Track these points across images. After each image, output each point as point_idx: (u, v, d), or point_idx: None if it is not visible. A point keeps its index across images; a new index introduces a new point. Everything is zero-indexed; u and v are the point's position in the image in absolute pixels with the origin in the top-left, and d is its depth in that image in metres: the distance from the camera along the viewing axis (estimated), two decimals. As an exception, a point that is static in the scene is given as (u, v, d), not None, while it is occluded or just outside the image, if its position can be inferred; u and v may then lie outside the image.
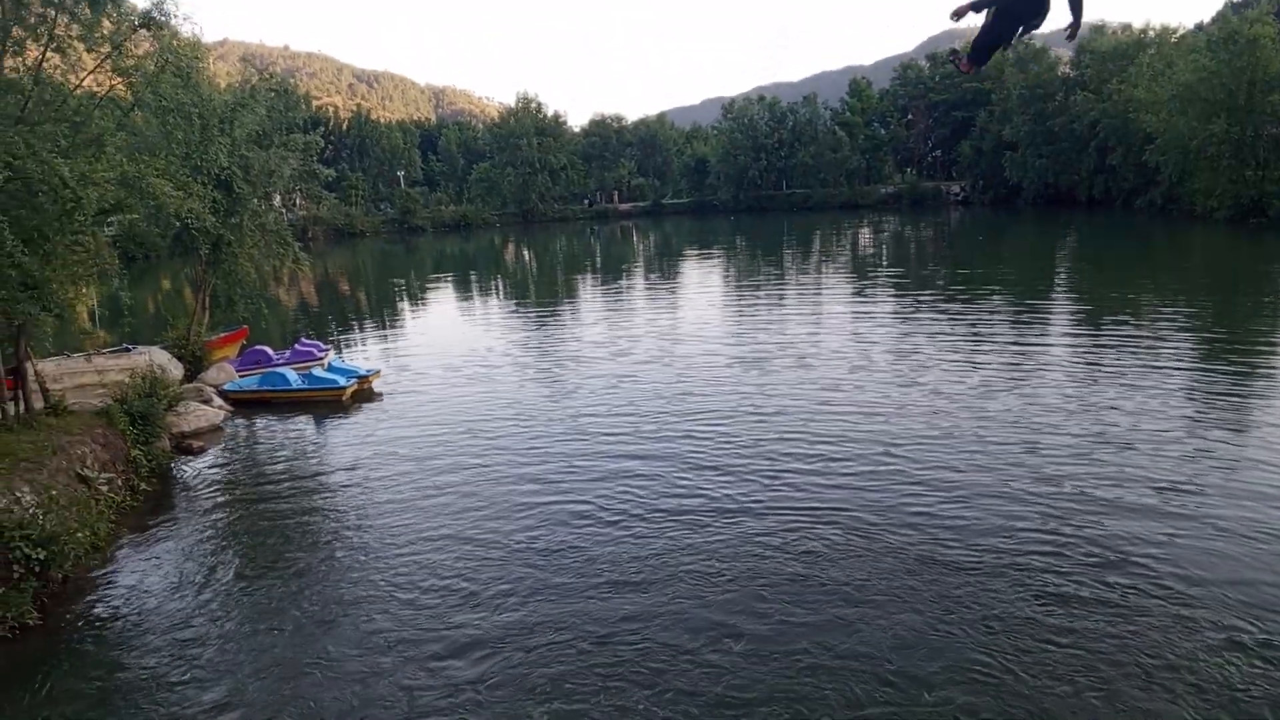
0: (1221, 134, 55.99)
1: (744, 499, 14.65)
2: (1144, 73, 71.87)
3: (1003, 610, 10.54)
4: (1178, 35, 79.63)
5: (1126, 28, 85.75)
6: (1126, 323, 27.39)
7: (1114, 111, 74.57)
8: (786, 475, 15.55)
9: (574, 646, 10.33)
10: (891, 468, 15.62)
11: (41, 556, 11.84)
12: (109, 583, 12.88)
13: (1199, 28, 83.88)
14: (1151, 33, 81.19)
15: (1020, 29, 7.27)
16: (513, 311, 41.59)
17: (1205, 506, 13.27)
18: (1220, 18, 79.83)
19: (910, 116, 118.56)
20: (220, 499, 16.46)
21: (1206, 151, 57.70)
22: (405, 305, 47.19)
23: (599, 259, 71.44)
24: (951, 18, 7.43)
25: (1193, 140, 58.36)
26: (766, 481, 15.38)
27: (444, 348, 30.44)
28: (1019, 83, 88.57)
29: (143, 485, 16.67)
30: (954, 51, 7.91)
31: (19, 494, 12.71)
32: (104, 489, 14.95)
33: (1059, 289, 37.63)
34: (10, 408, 16.66)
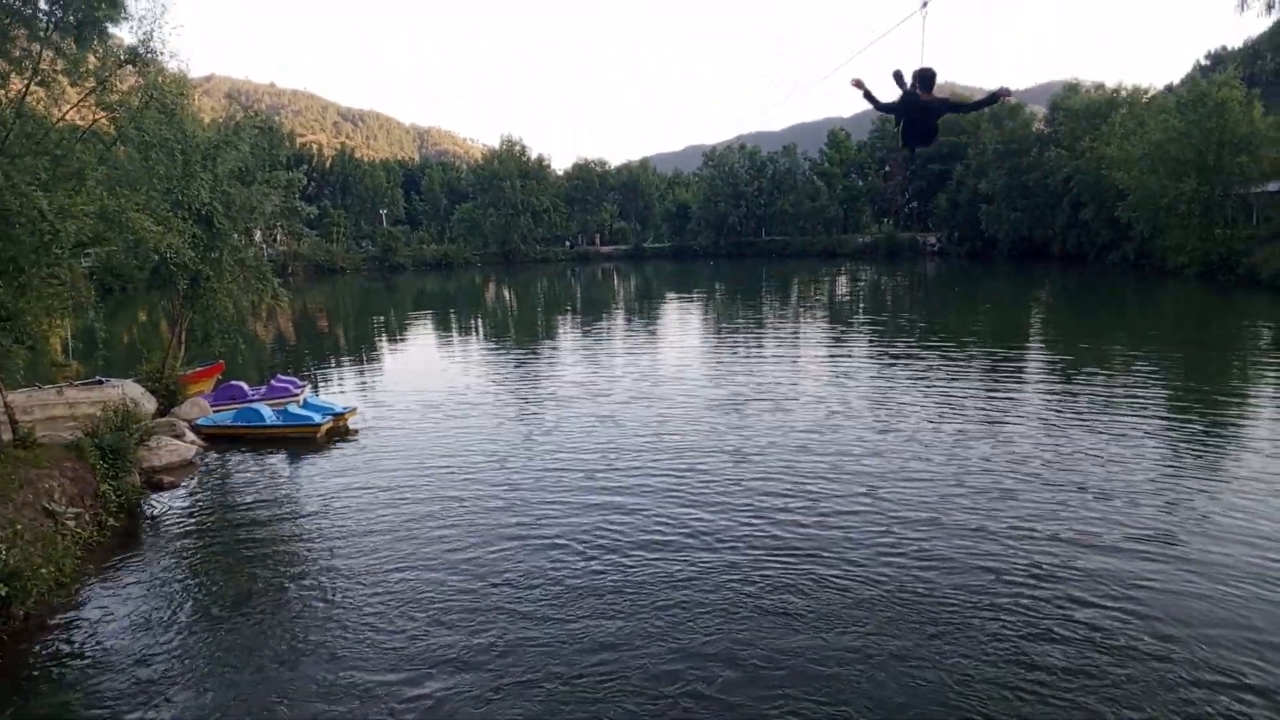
0: (1191, 192, 57.23)
1: (722, 537, 14.65)
2: (1116, 131, 73.52)
3: (985, 649, 10.59)
4: (1149, 95, 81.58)
5: (1099, 86, 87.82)
6: (1100, 374, 27.73)
7: (1087, 168, 76.07)
8: (765, 514, 15.57)
9: (547, 683, 10.24)
10: (869, 509, 15.68)
11: (3, 593, 11.60)
12: (72, 620, 12.61)
13: (1169, 89, 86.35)
14: (1124, 92, 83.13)
15: (913, 147, 9.35)
16: (492, 350, 41.53)
17: (1182, 551, 13.47)
18: (1190, 80, 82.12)
19: (888, 168, 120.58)
20: (190, 535, 16.22)
21: (1177, 209, 58.89)
22: (383, 342, 47.05)
23: (579, 300, 71.68)
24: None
25: (1163, 198, 59.57)
26: (744, 520, 15.42)
27: (421, 386, 30.33)
28: (995, 138, 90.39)
29: (111, 521, 16.38)
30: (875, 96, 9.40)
31: (-18, 528, 12.50)
32: (71, 524, 14.70)
33: (1033, 340, 38.13)
34: (-23, 440, 16.45)
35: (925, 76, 8.75)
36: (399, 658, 11.09)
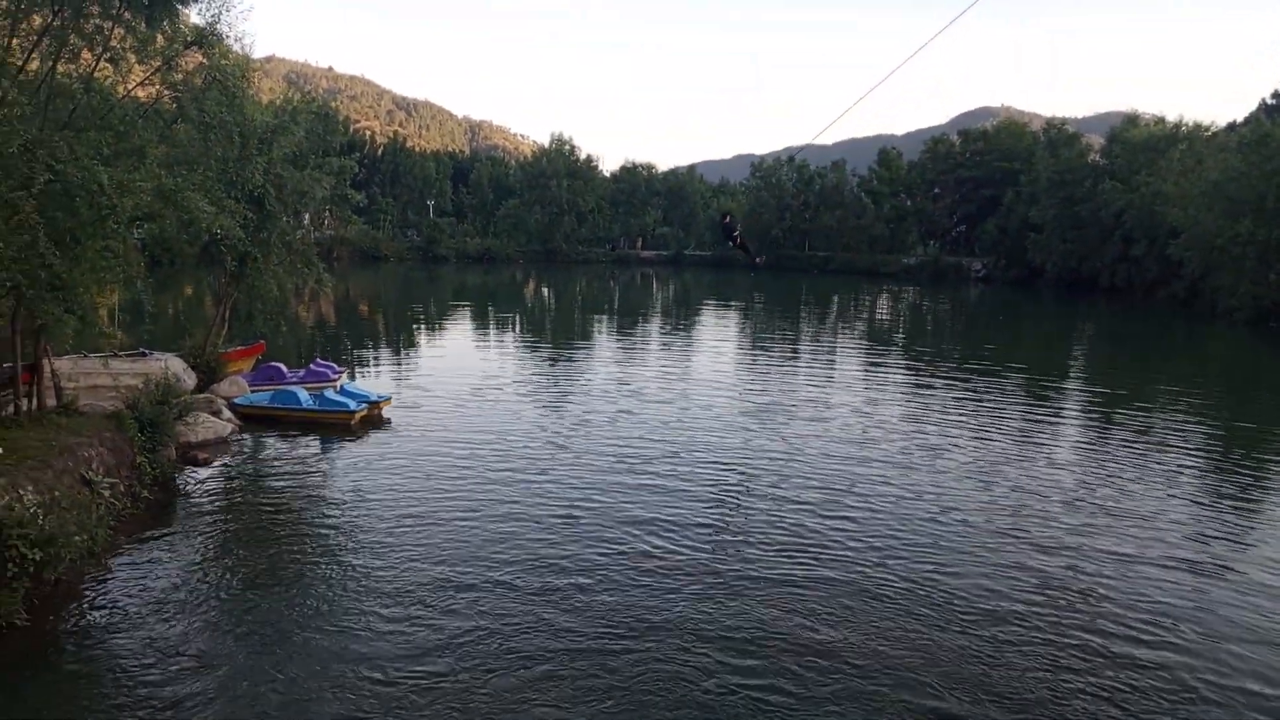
0: (1247, 235, 55.97)
1: (753, 540, 14.73)
2: (1174, 167, 72.11)
3: (1038, 673, 10.65)
4: (1210, 132, 79.99)
5: (1160, 120, 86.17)
6: (1143, 412, 27.24)
7: (1141, 202, 74.66)
8: (801, 523, 15.50)
9: (561, 672, 10.42)
10: (904, 525, 15.76)
11: (37, 557, 11.82)
12: (101, 589, 12.85)
13: (1232, 127, 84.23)
14: (1184, 128, 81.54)
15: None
16: (528, 347, 41.75)
17: (1219, 583, 13.91)
18: (1253, 119, 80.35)
19: (937, 190, 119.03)
20: (220, 513, 16.47)
21: (1231, 251, 57.61)
22: (422, 332, 47.43)
23: (617, 303, 71.80)
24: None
25: (1218, 238, 58.33)
26: (776, 527, 15.45)
27: (457, 378, 30.55)
28: (1049, 166, 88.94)
29: (145, 493, 16.67)
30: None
31: (22, 491, 12.73)
32: (106, 494, 14.96)
33: (1075, 373, 37.52)
34: (24, 403, 16.81)
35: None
36: (416, 642, 11.35)
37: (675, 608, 12.54)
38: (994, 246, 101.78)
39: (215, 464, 19.66)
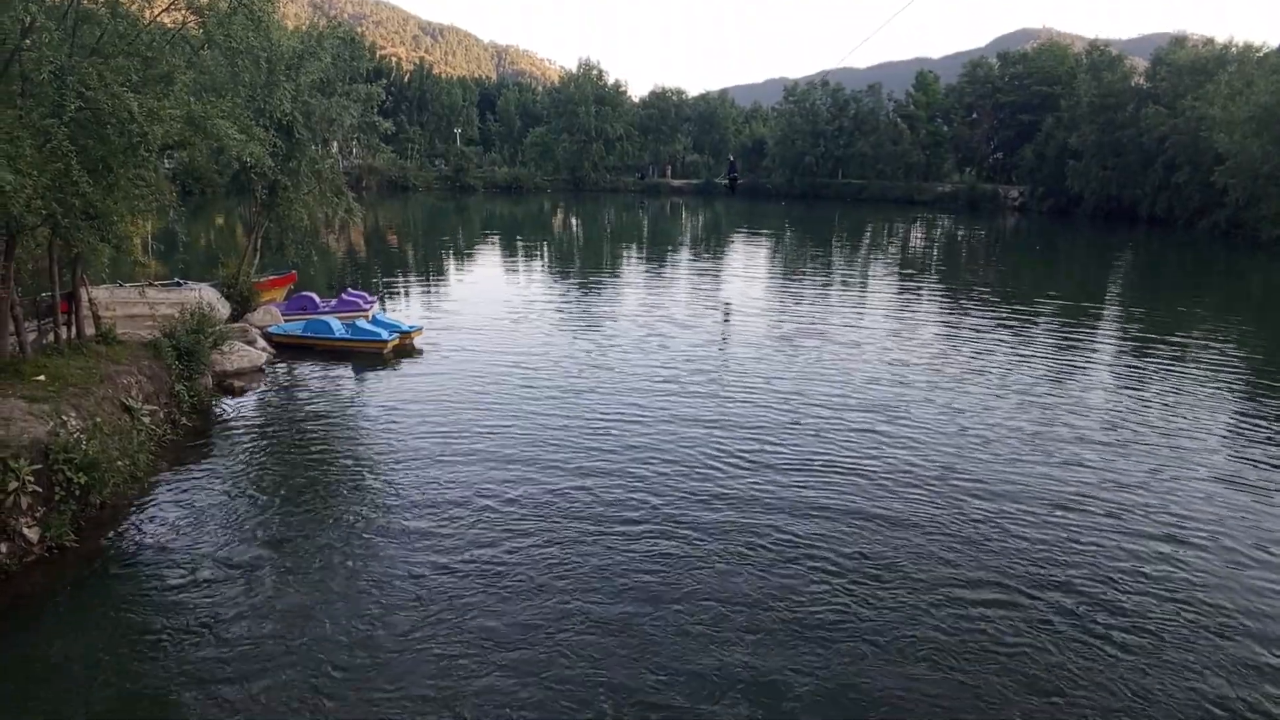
0: (1296, 161, 54.21)
1: (769, 481, 14.62)
2: (1221, 90, 69.54)
3: (1081, 593, 10.58)
4: (1261, 53, 76.92)
5: (1208, 42, 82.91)
6: (1181, 337, 26.85)
7: (1185, 128, 72.29)
8: (831, 471, 15.43)
9: (581, 623, 10.44)
10: (956, 451, 15.71)
11: (82, 481, 12.15)
12: (144, 512, 13.19)
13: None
14: (1233, 49, 78.43)
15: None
16: (558, 278, 41.68)
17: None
18: (1309, 39, 77.00)
19: (975, 115, 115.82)
20: (257, 440, 16.77)
21: (1277, 178, 55.88)
22: (452, 263, 47.51)
23: (646, 233, 71.28)
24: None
25: (1264, 165, 56.50)
26: (815, 454, 15.53)
27: (488, 308, 30.66)
28: (1090, 90, 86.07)
29: (183, 420, 17.03)
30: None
31: (65, 418, 13.00)
32: (146, 420, 15.26)
33: (1113, 301, 36.91)
34: (63, 332, 17.07)
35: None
36: (450, 554, 11.85)
37: (715, 522, 12.85)
38: (1032, 174, 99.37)
39: (251, 391, 19.98)
